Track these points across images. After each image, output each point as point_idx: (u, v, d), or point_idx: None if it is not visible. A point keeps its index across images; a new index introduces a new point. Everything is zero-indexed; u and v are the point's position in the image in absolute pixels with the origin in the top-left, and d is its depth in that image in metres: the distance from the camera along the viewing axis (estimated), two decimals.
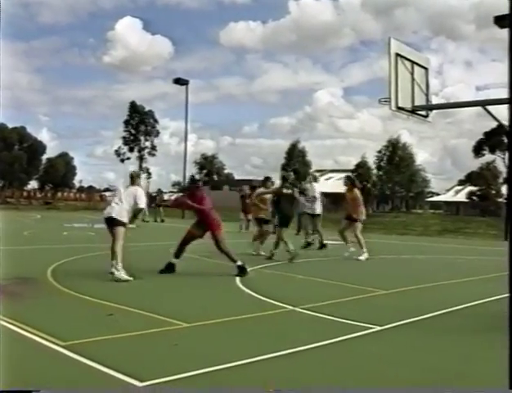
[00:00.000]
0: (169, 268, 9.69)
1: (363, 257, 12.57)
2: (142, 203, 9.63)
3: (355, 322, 5.91)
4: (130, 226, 9.82)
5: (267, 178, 13.99)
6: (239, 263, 9.55)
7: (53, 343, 4.74)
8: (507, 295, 3.46)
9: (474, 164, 65.54)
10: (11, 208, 46.38)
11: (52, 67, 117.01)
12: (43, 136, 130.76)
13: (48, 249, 13.59)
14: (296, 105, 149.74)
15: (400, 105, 10.39)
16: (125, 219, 9.41)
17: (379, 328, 5.69)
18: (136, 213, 9.62)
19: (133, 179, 9.95)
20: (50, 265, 9.65)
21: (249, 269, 9.69)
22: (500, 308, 6.37)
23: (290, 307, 6.67)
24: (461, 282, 9.71)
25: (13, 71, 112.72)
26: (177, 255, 9.90)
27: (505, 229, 21.72)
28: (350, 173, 15.73)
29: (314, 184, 15.65)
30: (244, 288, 8.09)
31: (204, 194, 10.31)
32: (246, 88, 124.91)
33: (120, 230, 9.39)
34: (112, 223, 9.39)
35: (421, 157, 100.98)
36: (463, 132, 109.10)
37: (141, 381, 3.85)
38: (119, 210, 9.40)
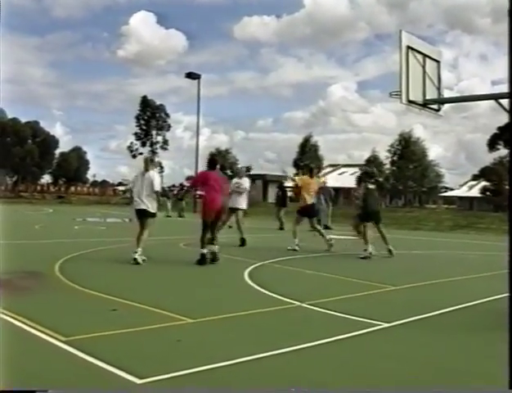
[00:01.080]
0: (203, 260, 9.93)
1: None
2: (157, 186, 9.98)
3: (362, 318, 5.82)
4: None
5: (310, 167, 14.02)
6: (203, 251, 9.88)
7: (54, 338, 4.68)
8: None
9: (489, 158, 65.06)
10: (23, 202, 46.67)
11: (66, 61, 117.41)
12: (57, 130, 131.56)
13: (58, 243, 13.59)
14: (310, 99, 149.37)
15: (411, 98, 10.25)
16: (155, 210, 10.00)
17: (386, 325, 5.58)
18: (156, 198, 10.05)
19: (147, 165, 10.21)
20: (58, 259, 9.61)
21: (259, 264, 9.87)
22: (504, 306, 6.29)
23: (297, 303, 6.58)
24: (472, 278, 9.58)
25: (27, 66, 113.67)
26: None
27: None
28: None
29: (245, 179, 14.56)
30: (251, 283, 8.00)
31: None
32: (260, 83, 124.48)
33: (149, 221, 9.95)
34: (143, 214, 9.93)
35: (435, 152, 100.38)
36: (478, 126, 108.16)
37: (141, 378, 3.77)
38: (146, 200, 9.86)
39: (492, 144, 62.45)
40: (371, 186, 12.85)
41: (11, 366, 3.83)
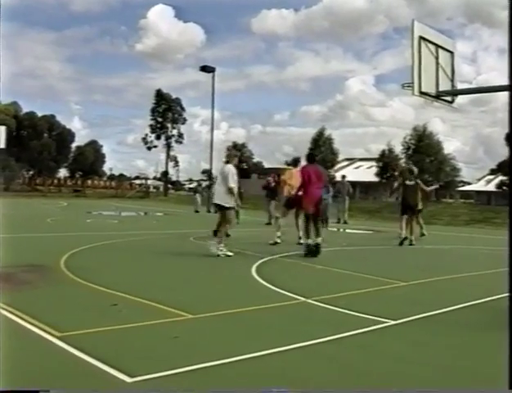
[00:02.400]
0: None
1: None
2: (232, 182, 10.02)
3: (368, 315, 5.64)
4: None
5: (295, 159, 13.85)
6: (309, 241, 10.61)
7: (49, 334, 4.58)
8: None
9: (506, 153, 64.23)
10: (39, 195, 46.95)
11: (84, 56, 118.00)
12: (75, 124, 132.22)
13: (68, 236, 13.54)
14: (327, 93, 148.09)
15: (423, 90, 10.01)
16: (230, 203, 10.12)
17: (392, 323, 5.41)
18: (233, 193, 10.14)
19: (229, 157, 10.69)
20: (66, 253, 9.57)
21: (268, 258, 9.89)
22: None
23: (303, 299, 6.42)
24: (483, 275, 9.36)
25: (45, 60, 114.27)
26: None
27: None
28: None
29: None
30: (258, 278, 7.86)
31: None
32: (277, 76, 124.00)
33: (227, 213, 10.17)
34: (219, 207, 10.20)
35: (453, 146, 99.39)
36: (496, 120, 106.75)
37: (131, 376, 3.64)
38: (221, 194, 10.09)
39: (510, 138, 61.63)
40: (410, 182, 13.79)
41: (4, 363, 3.72)
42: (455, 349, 4.73)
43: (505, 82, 9.88)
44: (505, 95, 9.50)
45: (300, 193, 11.07)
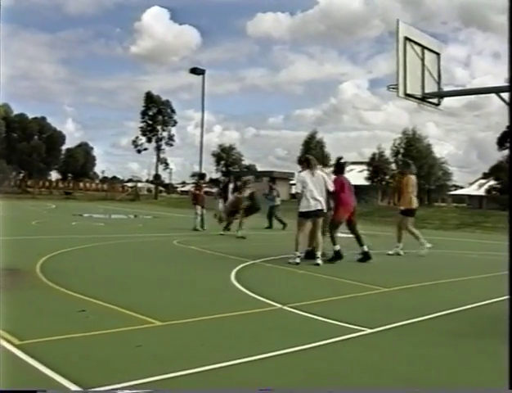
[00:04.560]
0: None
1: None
2: (331, 185, 10.51)
3: (344, 323, 5.43)
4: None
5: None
6: (336, 247, 10.65)
7: (8, 341, 4.35)
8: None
9: (498, 157, 64.23)
10: (29, 198, 46.64)
11: (78, 58, 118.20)
12: (68, 126, 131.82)
13: (51, 239, 13.34)
14: (321, 96, 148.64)
15: (409, 92, 9.87)
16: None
17: (368, 331, 5.19)
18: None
19: (312, 165, 10.62)
20: (44, 256, 9.37)
21: (249, 262, 9.74)
22: (504, 310, 5.88)
23: (279, 305, 6.21)
24: (469, 280, 9.21)
25: (38, 62, 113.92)
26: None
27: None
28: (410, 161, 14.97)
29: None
30: (236, 283, 7.65)
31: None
32: (272, 79, 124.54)
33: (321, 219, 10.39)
34: (319, 214, 10.18)
35: (447, 150, 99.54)
36: (490, 125, 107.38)
37: (84, 387, 3.44)
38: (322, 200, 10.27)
39: (502, 142, 61.60)
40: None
41: None
42: (435, 360, 4.50)
43: (498, 85, 9.76)
44: (499, 99, 9.36)
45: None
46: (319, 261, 9.89)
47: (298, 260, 9.86)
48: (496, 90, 9.26)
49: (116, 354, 4.29)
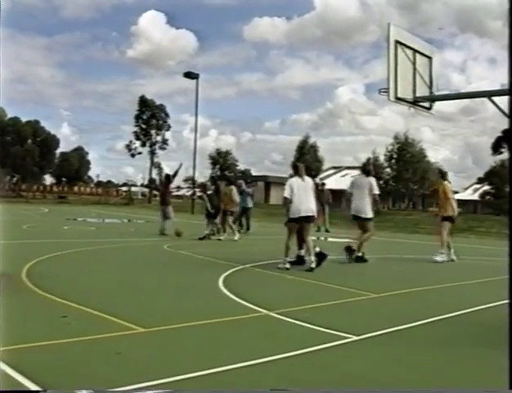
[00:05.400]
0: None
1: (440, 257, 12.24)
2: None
3: (330, 330, 5.33)
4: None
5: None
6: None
7: None
8: (506, 301, 3.16)
9: (492, 161, 64.37)
10: (22, 202, 46.41)
11: (75, 62, 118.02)
12: (64, 130, 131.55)
13: (41, 243, 13.25)
14: (318, 101, 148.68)
15: (399, 95, 9.82)
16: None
17: (355, 338, 5.09)
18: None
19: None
20: (31, 260, 9.26)
21: (239, 267, 9.68)
22: (496, 316, 5.79)
23: (265, 311, 6.11)
24: (460, 286, 9.11)
25: (35, 66, 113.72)
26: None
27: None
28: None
29: None
30: (223, 289, 7.54)
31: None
32: (267, 84, 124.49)
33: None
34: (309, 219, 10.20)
35: (442, 154, 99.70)
36: (486, 130, 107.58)
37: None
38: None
39: (496, 147, 61.71)
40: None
41: None
42: (422, 367, 4.40)
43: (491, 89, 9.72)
44: (495, 103, 9.29)
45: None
46: (313, 265, 9.76)
47: (287, 266, 9.77)
48: (489, 94, 9.21)
49: (95, 361, 4.18)
